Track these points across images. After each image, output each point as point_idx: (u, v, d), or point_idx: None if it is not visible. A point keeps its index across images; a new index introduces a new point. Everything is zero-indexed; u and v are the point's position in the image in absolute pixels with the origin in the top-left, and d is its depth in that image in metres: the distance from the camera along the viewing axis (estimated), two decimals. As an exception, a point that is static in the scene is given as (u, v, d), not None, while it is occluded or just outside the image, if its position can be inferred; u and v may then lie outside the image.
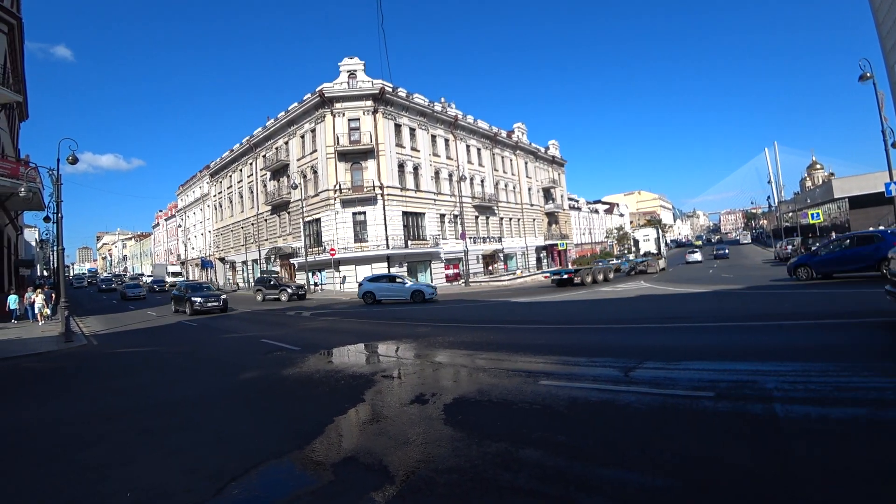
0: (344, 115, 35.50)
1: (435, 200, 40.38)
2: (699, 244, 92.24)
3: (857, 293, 12.52)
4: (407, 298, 23.21)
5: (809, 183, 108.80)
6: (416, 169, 38.91)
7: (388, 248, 34.25)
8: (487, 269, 46.31)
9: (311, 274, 35.82)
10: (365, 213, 34.92)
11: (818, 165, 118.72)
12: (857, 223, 42.20)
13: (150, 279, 60.32)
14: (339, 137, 34.97)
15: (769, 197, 74.81)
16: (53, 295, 23.81)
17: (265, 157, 44.23)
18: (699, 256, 50.61)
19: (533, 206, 57.74)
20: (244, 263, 49.79)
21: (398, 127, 37.88)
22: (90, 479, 3.90)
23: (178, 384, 7.84)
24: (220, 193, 56.37)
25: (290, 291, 29.73)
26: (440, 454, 3.83)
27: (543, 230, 59.63)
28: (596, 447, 3.77)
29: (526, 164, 57.23)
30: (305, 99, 37.43)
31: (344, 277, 34.52)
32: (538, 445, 3.86)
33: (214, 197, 58.30)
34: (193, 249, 68.13)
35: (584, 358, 7.39)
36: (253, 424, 5.24)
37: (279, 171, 42.14)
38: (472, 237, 43.10)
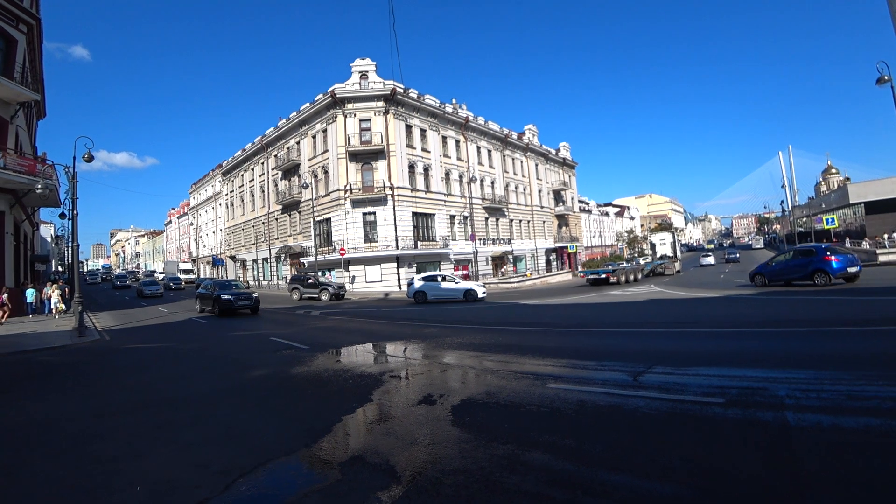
0: (355, 115, 35.66)
1: (445, 201, 40.40)
2: (711, 247, 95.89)
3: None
4: (460, 297, 23.50)
5: (824, 187, 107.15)
6: (426, 170, 38.97)
7: (397, 248, 34.33)
8: (497, 271, 46.22)
9: (320, 273, 35.99)
10: (375, 213, 35.03)
11: (833, 170, 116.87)
12: (872, 228, 41.46)
13: (161, 276, 61.04)
14: (350, 138, 35.13)
15: (783, 201, 74.05)
16: (67, 290, 24.17)
17: (277, 156, 44.55)
18: (712, 259, 54.22)
19: (543, 208, 57.55)
20: (254, 262, 50.17)
21: (409, 128, 37.97)
22: (102, 472, 3.95)
23: (188, 380, 7.92)
24: (231, 192, 56.86)
25: (331, 291, 28.36)
26: (447, 455, 3.83)
27: (553, 232, 59.41)
28: (604, 452, 3.75)
29: (536, 166, 57.07)
30: (317, 99, 37.65)
31: (353, 277, 34.64)
32: (546, 448, 3.85)
33: (226, 195, 58.82)
34: (205, 247, 68.76)
35: (592, 361, 7.35)
36: (262, 421, 5.28)
37: (290, 170, 42.42)
38: (481, 239, 43.06)
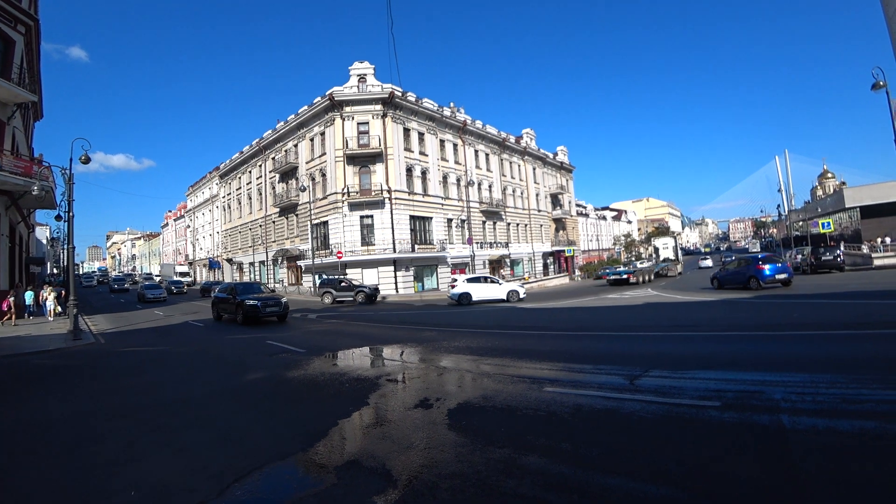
0: (353, 118, 35.70)
1: (442, 205, 40.42)
2: (708, 251, 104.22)
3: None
4: (504, 298, 24.22)
5: (820, 192, 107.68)
6: (424, 173, 39.00)
7: (394, 251, 34.31)
8: (494, 274, 46.22)
9: (316, 276, 35.94)
10: (372, 216, 35.02)
11: (829, 174, 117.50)
12: (868, 232, 41.63)
13: (157, 278, 60.72)
14: (347, 141, 35.15)
15: (779, 205, 74.11)
16: (63, 292, 24.09)
17: (274, 159, 44.54)
18: (710, 262, 57.51)
19: (540, 211, 57.64)
20: (251, 265, 50.05)
21: (407, 131, 38.02)
22: (97, 475, 3.93)
23: (184, 384, 7.89)
24: (228, 195, 56.79)
25: (366, 293, 28.12)
26: (443, 459, 3.82)
27: (551, 236, 59.50)
28: (600, 455, 3.75)
29: (534, 169, 57.18)
30: (315, 102, 37.69)
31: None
32: (542, 452, 3.84)
33: (223, 198, 58.74)
34: (202, 250, 68.60)
35: (589, 365, 7.35)
36: (258, 425, 5.26)
37: (288, 173, 42.41)
38: (478, 242, 43.08)
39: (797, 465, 3.28)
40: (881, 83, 19.68)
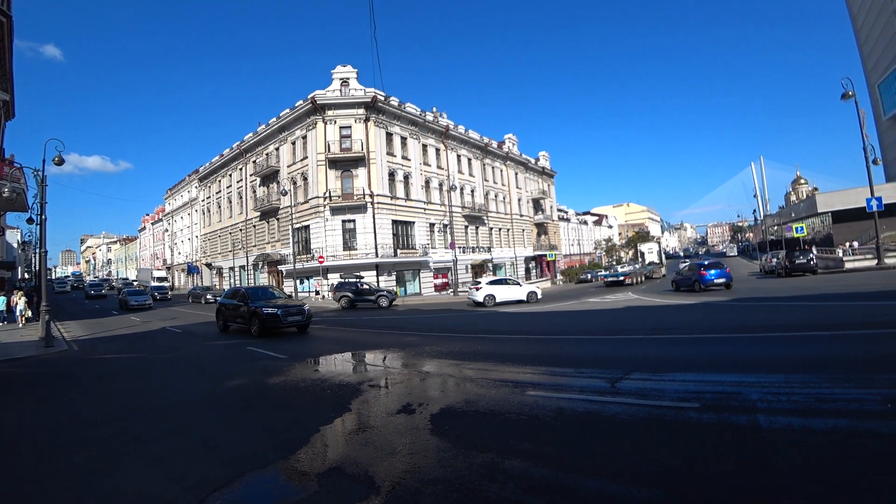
0: (335, 122, 35.53)
1: (425, 209, 40.43)
2: (685, 255, 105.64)
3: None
4: (523, 299, 25.46)
5: (794, 197, 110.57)
6: (406, 178, 38.98)
7: (377, 256, 34.18)
8: (476, 278, 46.32)
9: (298, 281, 35.58)
10: (354, 220, 34.85)
11: (802, 180, 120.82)
12: (839, 237, 42.86)
13: (135, 283, 59.25)
14: (330, 145, 34.96)
15: (755, 210, 75.88)
16: (35, 297, 23.43)
17: (255, 162, 44.05)
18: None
19: (522, 216, 58.02)
20: (231, 269, 49.32)
21: (389, 135, 37.97)
22: (71, 487, 3.82)
23: (161, 391, 7.73)
24: (208, 198, 55.94)
25: (389, 297, 27.65)
26: (426, 465, 3.81)
27: (533, 241, 59.91)
28: (582, 458, 3.78)
29: (516, 174, 57.57)
30: (297, 105, 37.42)
31: (332, 285, 34.31)
32: (525, 456, 3.85)
33: (203, 202, 57.84)
34: (180, 254, 67.42)
35: (571, 369, 7.41)
36: (238, 433, 5.17)
37: (269, 177, 41.97)
38: (461, 247, 43.14)
39: (774, 463, 3.34)
40: (850, 93, 20.34)
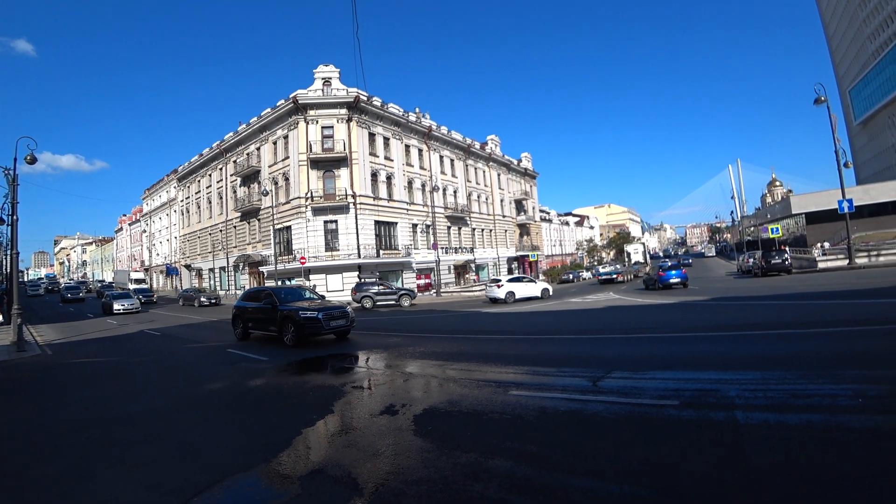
0: (317, 122, 35.24)
1: (408, 210, 40.35)
2: (662, 255, 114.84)
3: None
4: (538, 295, 27.10)
5: (770, 199, 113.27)
6: (389, 178, 38.85)
7: (359, 257, 33.98)
8: (460, 279, 46.42)
9: (279, 282, 35.19)
10: (337, 221, 34.60)
11: (778, 183, 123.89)
12: (812, 237, 44.05)
13: (115, 286, 57.73)
14: (311, 145, 34.66)
15: (732, 212, 77.55)
16: (5, 300, 22.77)
17: (236, 162, 43.45)
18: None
19: (505, 217, 58.29)
20: (211, 271, 48.57)
21: (372, 136, 37.80)
22: (45, 496, 3.72)
23: (139, 396, 7.57)
24: (187, 198, 54.98)
25: (410, 296, 27.33)
26: (410, 465, 3.80)
27: (515, 241, 60.23)
28: (565, 456, 3.81)
29: (499, 175, 57.82)
30: (279, 105, 36.99)
31: (314, 286, 34.01)
32: (508, 455, 3.87)
33: (182, 202, 56.83)
34: (158, 256, 66.16)
35: (553, 368, 7.46)
36: (218, 437, 5.10)
37: (250, 177, 41.43)
38: (444, 247, 43.18)
39: (751, 458, 3.42)
40: (822, 98, 20.92)
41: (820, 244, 37.68)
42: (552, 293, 28.27)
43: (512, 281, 27.81)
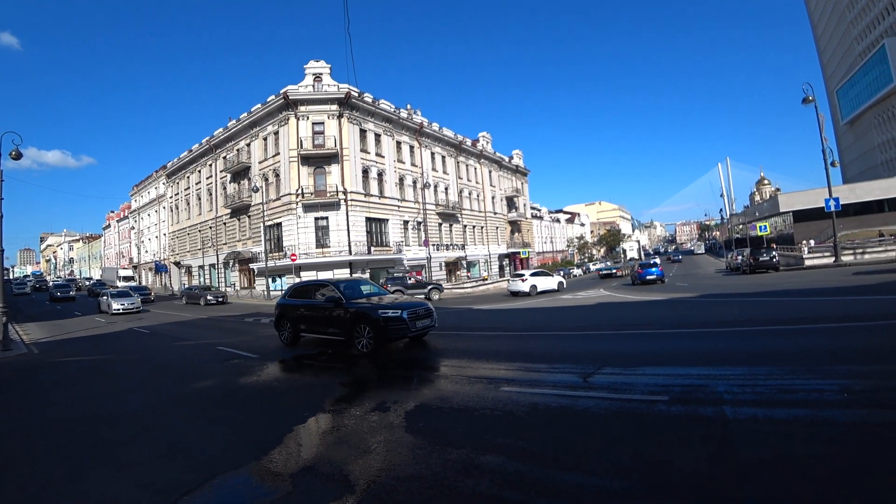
0: (308, 118, 35.02)
1: (399, 207, 40.26)
2: (653, 252, 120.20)
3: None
4: (555, 287, 29.40)
5: (758, 197, 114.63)
6: (380, 175, 38.72)
7: (350, 254, 33.87)
8: (451, 276, 46.42)
9: (270, 280, 35.01)
10: (327, 218, 34.44)
11: (766, 181, 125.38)
12: (800, 235, 44.67)
13: (108, 284, 56.88)
14: (302, 141, 34.44)
15: (721, 210, 78.29)
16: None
17: (225, 158, 43.06)
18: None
19: (496, 214, 58.35)
20: (201, 268, 48.17)
21: (363, 132, 37.64)
22: (33, 496, 3.68)
23: (128, 394, 7.50)
24: (176, 195, 54.44)
25: (440, 290, 27.15)
26: (401, 462, 3.81)
27: (506, 238, 60.33)
28: (556, 452, 3.83)
29: (490, 172, 57.84)
30: (269, 101, 36.69)
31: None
32: (499, 451, 3.89)
33: (171, 198, 56.26)
34: (147, 253, 65.49)
35: (544, 364, 7.49)
36: (208, 435, 5.07)
37: (240, 173, 41.10)
38: (435, 244, 43.15)
39: (739, 452, 3.47)
40: (810, 98, 21.15)
41: (805, 242, 38.15)
42: (566, 285, 31.56)
43: (535, 274, 30.48)
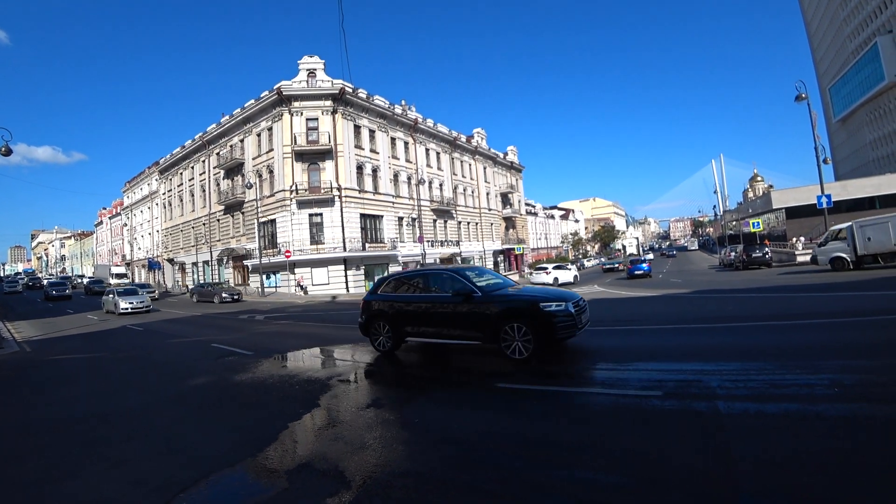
0: (302, 114, 34.84)
1: (393, 203, 40.19)
2: (648, 248, 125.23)
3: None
4: (571, 280, 32.89)
5: (751, 194, 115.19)
6: (374, 171, 38.62)
7: (345, 250, 33.80)
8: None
9: (264, 276, 34.90)
10: (322, 214, 34.34)
11: (759, 178, 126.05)
12: (792, 232, 44.91)
13: (105, 282, 56.13)
14: (296, 137, 34.28)
15: (715, 206, 78.93)
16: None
17: (219, 154, 42.78)
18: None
19: (491, 210, 58.38)
20: (195, 265, 47.91)
21: (357, 128, 37.51)
22: (27, 495, 3.66)
23: (122, 392, 7.47)
24: (169, 191, 54.08)
25: None
26: (397, 458, 3.82)
27: (501, 234, 60.40)
28: (550, 447, 3.86)
29: (485, 168, 57.83)
30: (263, 96, 36.45)
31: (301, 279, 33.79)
32: (494, 446, 3.91)
33: (164, 195, 55.88)
34: (140, 250, 65.07)
35: (539, 360, 7.51)
36: (203, 432, 5.06)
37: (233, 169, 40.84)
38: (430, 240, 43.14)
39: (732, 446, 3.50)
40: (803, 96, 21.26)
41: (795, 238, 38.45)
42: (579, 278, 34.86)
43: (556, 268, 35.00)
